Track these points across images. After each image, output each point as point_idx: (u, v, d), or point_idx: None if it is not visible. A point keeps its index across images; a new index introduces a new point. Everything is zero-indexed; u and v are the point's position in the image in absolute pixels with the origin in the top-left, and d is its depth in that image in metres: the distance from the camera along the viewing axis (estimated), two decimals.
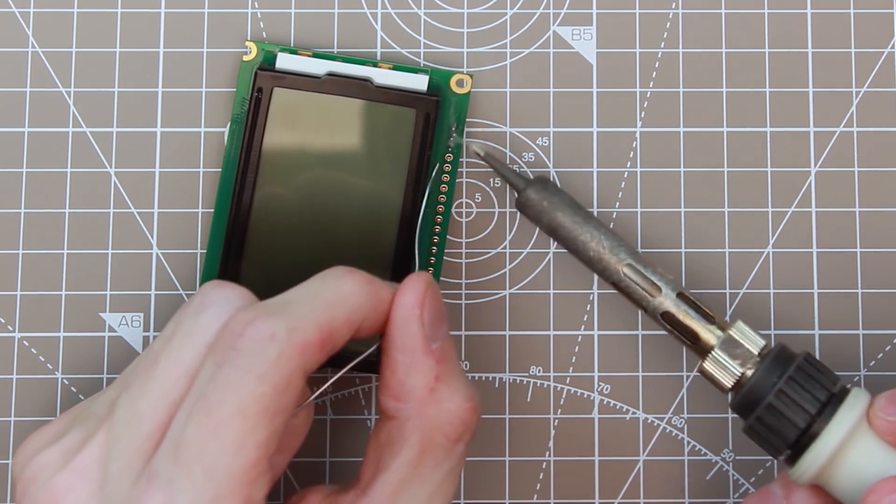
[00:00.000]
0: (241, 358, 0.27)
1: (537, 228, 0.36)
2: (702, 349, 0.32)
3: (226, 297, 0.29)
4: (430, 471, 0.29)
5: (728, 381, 0.32)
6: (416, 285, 0.30)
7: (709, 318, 0.32)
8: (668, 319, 0.33)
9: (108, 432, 0.28)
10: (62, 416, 0.30)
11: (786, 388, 0.31)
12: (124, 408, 0.28)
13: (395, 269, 0.35)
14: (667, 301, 0.33)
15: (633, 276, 0.33)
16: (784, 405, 0.31)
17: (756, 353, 0.32)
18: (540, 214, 0.34)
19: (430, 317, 0.30)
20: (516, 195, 0.34)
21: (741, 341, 0.32)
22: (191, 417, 0.27)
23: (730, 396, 0.33)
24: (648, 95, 0.37)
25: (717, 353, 0.32)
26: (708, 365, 0.32)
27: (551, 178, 0.37)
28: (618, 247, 0.33)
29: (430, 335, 0.30)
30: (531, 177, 0.34)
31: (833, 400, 0.31)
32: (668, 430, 0.36)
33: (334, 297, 0.29)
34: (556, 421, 0.36)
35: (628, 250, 0.33)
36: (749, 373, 0.32)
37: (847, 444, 0.30)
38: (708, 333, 0.32)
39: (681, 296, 0.33)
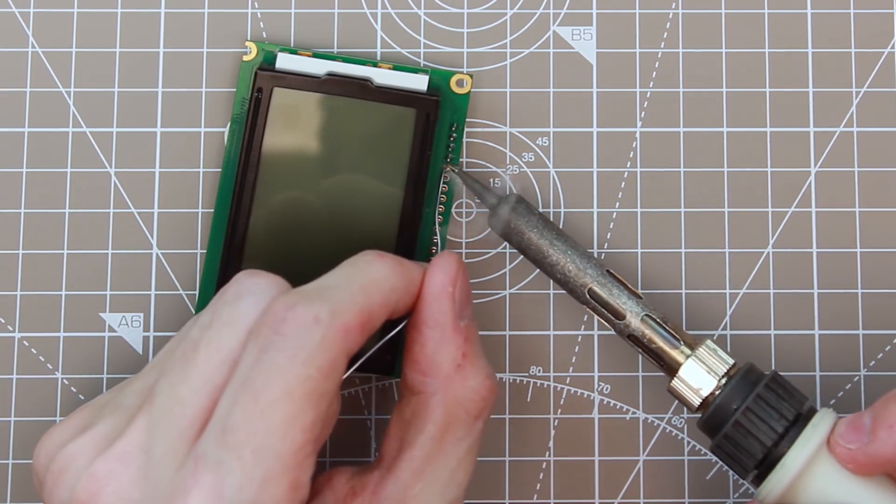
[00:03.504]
0: (286, 341, 0.27)
1: None
2: (669, 369, 0.32)
3: (262, 285, 0.29)
4: (453, 447, 0.30)
5: (695, 401, 0.32)
6: (448, 264, 0.31)
7: (676, 339, 0.32)
8: (634, 341, 0.33)
9: (148, 418, 0.28)
10: (82, 410, 0.30)
11: (753, 406, 0.31)
12: (165, 394, 0.28)
13: None
14: (632, 324, 0.33)
15: (598, 299, 0.33)
16: (751, 423, 0.31)
17: (723, 372, 0.32)
18: (510, 234, 0.34)
19: (461, 295, 0.30)
20: (488, 213, 0.34)
21: (708, 361, 0.32)
22: (237, 401, 0.27)
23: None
24: (648, 95, 0.37)
25: (685, 372, 0.32)
26: (675, 384, 0.32)
27: (551, 178, 0.37)
28: (584, 269, 0.33)
29: (460, 313, 0.30)
30: (506, 193, 0.34)
31: (799, 420, 0.31)
32: (668, 430, 0.36)
33: (369, 281, 0.29)
34: (556, 421, 0.36)
35: (596, 272, 0.33)
36: (716, 392, 0.32)
37: (809, 467, 0.30)
38: (674, 354, 0.32)
39: (647, 318, 0.33)
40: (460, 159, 0.36)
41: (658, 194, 0.37)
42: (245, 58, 0.36)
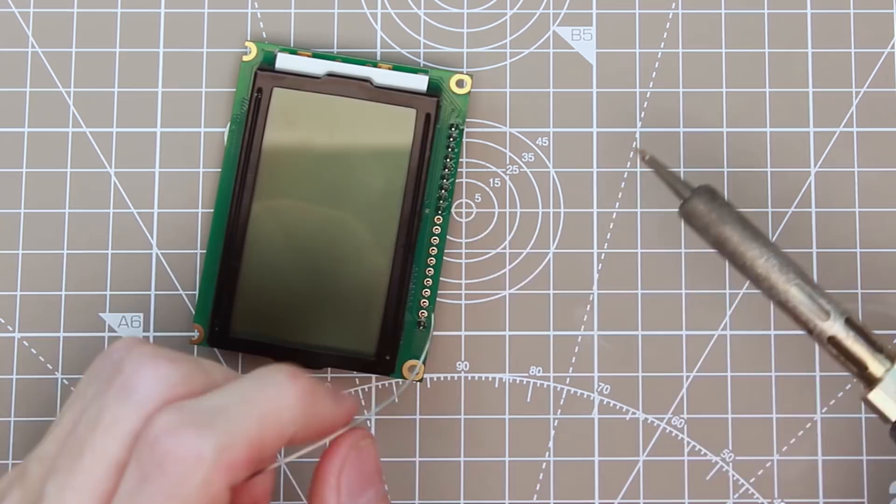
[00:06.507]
0: (165, 477, 0.26)
1: (537, 228, 0.36)
2: (869, 378, 0.31)
3: (153, 380, 0.28)
4: None
5: (894, 414, 0.31)
6: (339, 448, 0.29)
7: (876, 347, 0.32)
8: (835, 345, 0.32)
9: None
10: (12, 471, 0.29)
11: None
12: (52, 497, 0.27)
13: (394, 270, 0.35)
14: (835, 326, 0.31)
15: (800, 298, 0.32)
16: None
17: None
18: (707, 227, 0.32)
19: (351, 482, 0.29)
20: (680, 202, 0.32)
21: None
22: None
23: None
24: (648, 95, 0.37)
25: (887, 385, 0.31)
26: (874, 396, 0.31)
27: (551, 178, 0.37)
28: (786, 266, 0.32)
29: (347, 501, 0.29)
30: (694, 185, 0.33)
31: None
32: (667, 431, 0.36)
33: (268, 409, 0.27)
34: (556, 421, 0.36)
35: (797, 270, 0.32)
36: None
37: None
38: (876, 363, 0.31)
39: (849, 321, 0.32)
40: (460, 158, 0.36)
41: (658, 194, 0.37)
42: (245, 58, 0.36)
